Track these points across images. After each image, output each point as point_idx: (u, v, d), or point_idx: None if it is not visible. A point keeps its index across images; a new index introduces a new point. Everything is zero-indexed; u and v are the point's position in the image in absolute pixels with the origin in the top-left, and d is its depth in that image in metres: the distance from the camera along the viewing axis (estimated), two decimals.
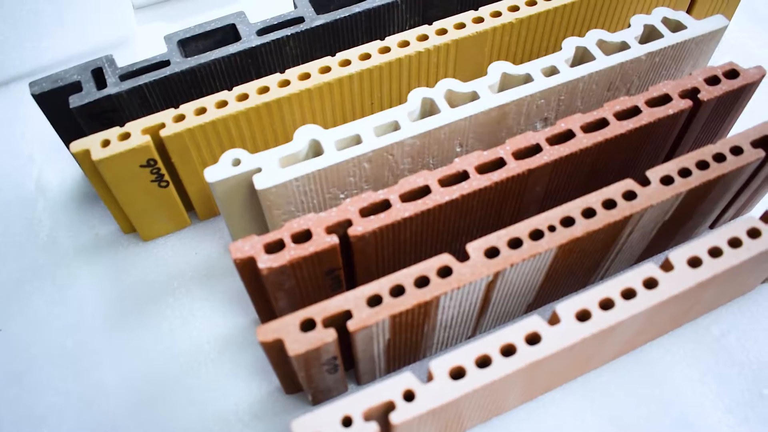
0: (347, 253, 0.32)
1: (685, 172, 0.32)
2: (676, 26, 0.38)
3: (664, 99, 0.35)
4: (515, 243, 0.30)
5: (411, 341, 0.32)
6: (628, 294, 0.29)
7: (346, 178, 0.34)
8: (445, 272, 0.29)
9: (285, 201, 0.33)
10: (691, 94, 0.35)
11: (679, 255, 0.30)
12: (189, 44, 0.37)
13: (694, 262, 0.30)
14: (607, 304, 0.29)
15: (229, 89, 0.37)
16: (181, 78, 0.36)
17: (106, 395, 0.35)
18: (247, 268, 0.30)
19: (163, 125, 0.34)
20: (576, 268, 0.34)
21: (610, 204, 0.31)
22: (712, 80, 0.36)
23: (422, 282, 0.29)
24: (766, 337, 0.36)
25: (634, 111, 0.34)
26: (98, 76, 0.36)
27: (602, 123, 0.34)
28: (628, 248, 0.35)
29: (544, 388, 0.34)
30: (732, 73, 0.36)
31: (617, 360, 0.35)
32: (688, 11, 0.45)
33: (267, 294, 0.32)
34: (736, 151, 0.33)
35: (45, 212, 0.41)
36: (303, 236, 0.30)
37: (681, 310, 0.33)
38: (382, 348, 0.31)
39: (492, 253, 0.30)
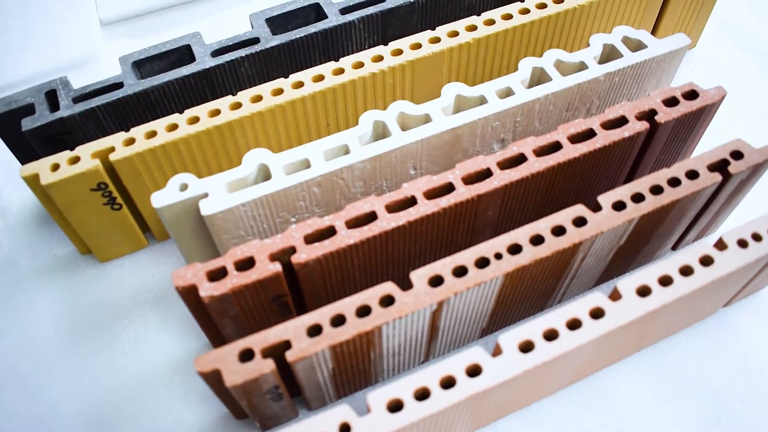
0: (294, 280, 0.32)
1: (638, 197, 0.32)
2: (637, 45, 0.37)
3: (621, 121, 0.34)
4: (460, 271, 0.30)
5: (358, 368, 0.32)
6: (574, 324, 0.29)
7: (295, 202, 0.33)
8: (387, 301, 0.29)
9: (233, 226, 0.33)
10: (649, 115, 0.35)
11: (628, 284, 0.29)
12: (144, 65, 0.37)
13: (643, 292, 0.30)
14: (551, 335, 0.28)
15: (183, 111, 0.36)
16: (134, 100, 0.36)
17: (58, 419, 0.34)
18: (190, 295, 0.30)
19: (112, 149, 0.34)
20: (529, 293, 0.34)
21: (559, 231, 0.31)
22: (671, 101, 0.35)
23: (364, 311, 0.29)
24: (726, 362, 0.35)
25: (589, 134, 0.34)
26: (52, 99, 0.36)
27: (556, 146, 0.33)
28: (584, 272, 0.35)
29: (494, 416, 0.33)
30: (691, 94, 0.35)
31: (572, 386, 0.35)
32: (656, 27, 0.45)
33: (214, 320, 0.32)
34: (692, 175, 0.33)
35: (4, 234, 0.41)
36: (246, 264, 0.30)
37: (634, 337, 0.33)
38: (327, 376, 0.31)
39: (436, 281, 0.29)
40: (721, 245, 0.31)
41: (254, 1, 0.53)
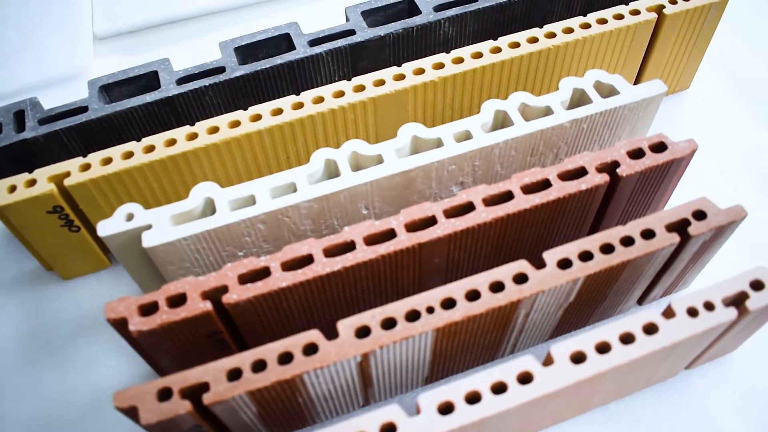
0: (230, 317, 0.32)
1: (586, 256, 0.31)
2: (610, 91, 0.36)
3: (580, 172, 0.33)
4: (389, 323, 0.29)
5: (288, 411, 0.32)
6: (499, 388, 0.28)
7: (241, 238, 0.33)
8: (310, 350, 0.29)
9: (177, 258, 0.33)
10: (611, 167, 0.33)
11: (562, 349, 0.28)
12: (113, 90, 0.38)
13: (578, 358, 0.28)
14: (473, 398, 0.27)
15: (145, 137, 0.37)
16: (98, 124, 0.36)
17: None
18: (122, 328, 0.30)
19: (68, 174, 0.34)
20: (471, 345, 0.33)
21: (497, 287, 0.30)
22: (637, 153, 0.34)
23: (286, 359, 0.28)
24: (682, 428, 0.33)
25: (545, 184, 0.33)
26: (21, 119, 0.37)
27: (507, 196, 0.32)
28: (533, 327, 0.34)
29: None
30: (659, 146, 0.34)
31: None
32: (642, 67, 0.43)
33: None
34: (648, 234, 0.31)
35: None
36: (178, 300, 0.30)
37: (575, 400, 0.31)
38: (253, 417, 0.31)
39: (362, 332, 0.29)
40: (669, 313, 0.30)
41: (259, 20, 0.53)
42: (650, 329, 0.29)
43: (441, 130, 0.34)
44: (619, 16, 0.39)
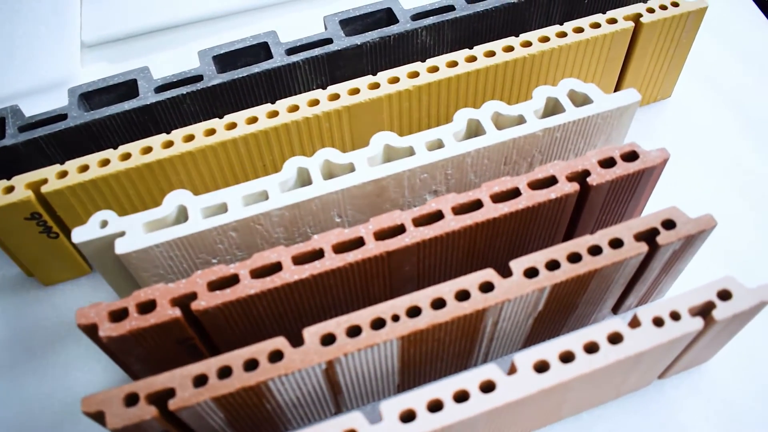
0: (200, 324, 0.32)
1: (553, 265, 0.31)
2: (584, 100, 0.36)
3: (550, 181, 0.33)
4: (354, 331, 0.29)
5: (257, 417, 0.32)
6: (461, 397, 0.28)
7: (214, 245, 0.34)
8: (275, 357, 0.29)
9: (151, 265, 0.33)
10: (582, 176, 0.33)
11: (525, 358, 0.28)
12: (93, 97, 0.38)
13: (541, 367, 0.28)
14: (436, 406, 0.27)
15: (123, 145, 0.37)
16: (77, 132, 0.37)
17: None
18: (93, 333, 0.31)
19: (45, 181, 0.35)
20: (441, 353, 0.33)
21: (463, 295, 0.30)
22: (608, 162, 0.34)
23: (251, 365, 0.29)
24: None
25: (515, 193, 0.33)
26: (2, 127, 0.37)
27: (477, 204, 0.32)
28: (503, 336, 0.34)
29: None
30: (631, 155, 0.34)
31: None
32: (621, 76, 0.43)
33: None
34: (616, 244, 0.31)
35: None
36: (148, 306, 0.30)
37: (541, 411, 0.31)
38: (222, 423, 0.31)
39: (328, 340, 0.29)
40: (634, 322, 0.30)
41: (247, 27, 0.53)
42: (615, 339, 0.29)
43: (413, 138, 0.34)
44: (596, 25, 0.39)
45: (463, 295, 0.30)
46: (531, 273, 0.30)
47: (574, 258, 0.31)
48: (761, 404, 0.34)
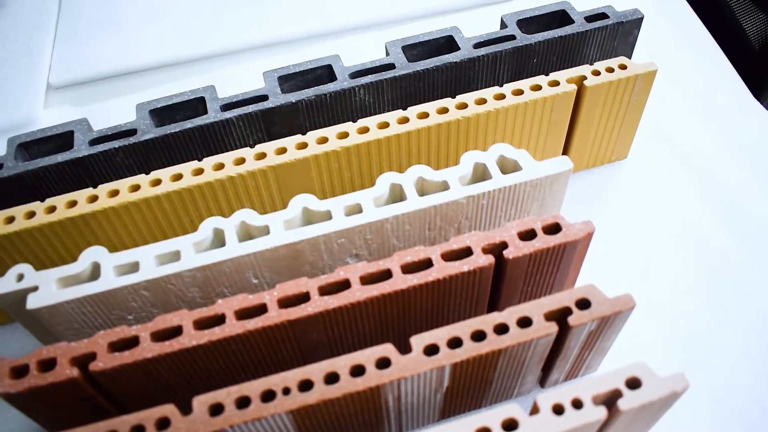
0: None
1: (455, 343, 0.30)
2: (514, 166, 0.35)
3: (466, 252, 0.32)
4: (243, 402, 0.29)
5: None
6: None
7: (127, 303, 0.33)
8: (162, 425, 0.28)
9: (64, 320, 0.33)
10: (499, 249, 0.32)
11: None
12: (32, 147, 0.39)
13: None
14: None
15: (57, 195, 0.38)
16: (11, 182, 0.37)
17: None
18: None
19: None
20: (344, 425, 0.32)
21: (358, 371, 0.29)
22: (528, 234, 0.33)
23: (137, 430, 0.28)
24: None
25: (427, 264, 0.32)
26: None
27: (386, 275, 0.32)
28: (412, 409, 0.33)
29: None
30: (553, 228, 0.33)
31: None
32: (569, 138, 0.42)
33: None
34: (524, 323, 0.30)
35: None
36: (48, 364, 0.30)
37: None
38: None
39: (216, 410, 0.29)
40: (534, 409, 0.28)
41: (216, 72, 0.54)
42: (510, 426, 0.28)
43: (331, 202, 0.34)
44: (537, 87, 0.38)
45: (357, 371, 0.29)
46: (431, 350, 0.30)
47: (478, 336, 0.30)
48: None
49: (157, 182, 0.36)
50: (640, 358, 0.29)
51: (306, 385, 0.29)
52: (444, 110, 0.37)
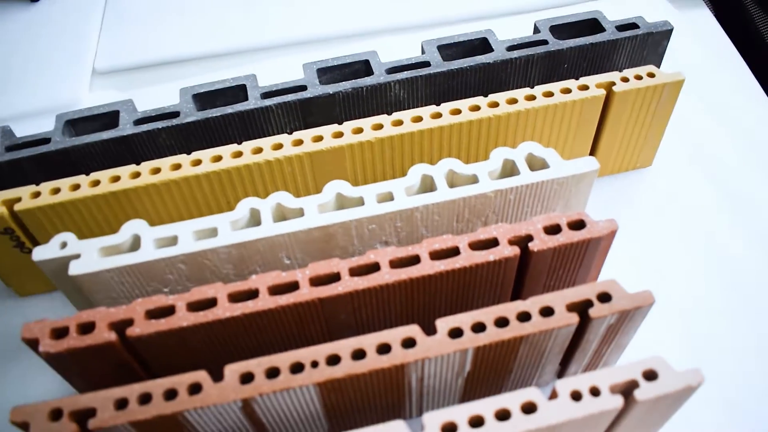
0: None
1: (479, 327, 0.31)
2: (542, 164, 0.36)
3: (492, 243, 0.33)
4: (273, 372, 0.30)
5: None
6: None
7: (164, 275, 0.35)
8: (194, 389, 0.30)
9: (103, 288, 0.35)
10: (524, 241, 0.33)
11: (434, 419, 0.28)
12: (78, 125, 0.41)
13: (449, 429, 0.28)
14: None
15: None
16: (57, 156, 0.39)
17: None
18: (35, 348, 0.32)
19: (19, 199, 0.37)
20: (367, 403, 0.33)
21: (384, 349, 0.30)
22: (553, 229, 0.34)
23: (170, 395, 0.30)
24: None
25: (454, 251, 0.33)
26: None
27: (415, 260, 0.33)
28: (433, 392, 0.34)
29: None
30: (578, 224, 0.34)
31: None
32: (596, 141, 0.43)
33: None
34: (547, 312, 0.31)
35: None
36: (87, 327, 0.32)
37: None
38: None
39: (246, 378, 0.30)
40: (553, 394, 0.29)
41: (258, 63, 0.56)
42: (529, 408, 0.29)
43: (365, 189, 0.35)
44: (567, 90, 0.39)
45: (384, 349, 0.30)
46: (455, 333, 0.31)
47: (502, 322, 0.31)
48: None
49: (197, 162, 0.37)
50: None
51: (333, 360, 0.30)
52: (476, 108, 0.39)
